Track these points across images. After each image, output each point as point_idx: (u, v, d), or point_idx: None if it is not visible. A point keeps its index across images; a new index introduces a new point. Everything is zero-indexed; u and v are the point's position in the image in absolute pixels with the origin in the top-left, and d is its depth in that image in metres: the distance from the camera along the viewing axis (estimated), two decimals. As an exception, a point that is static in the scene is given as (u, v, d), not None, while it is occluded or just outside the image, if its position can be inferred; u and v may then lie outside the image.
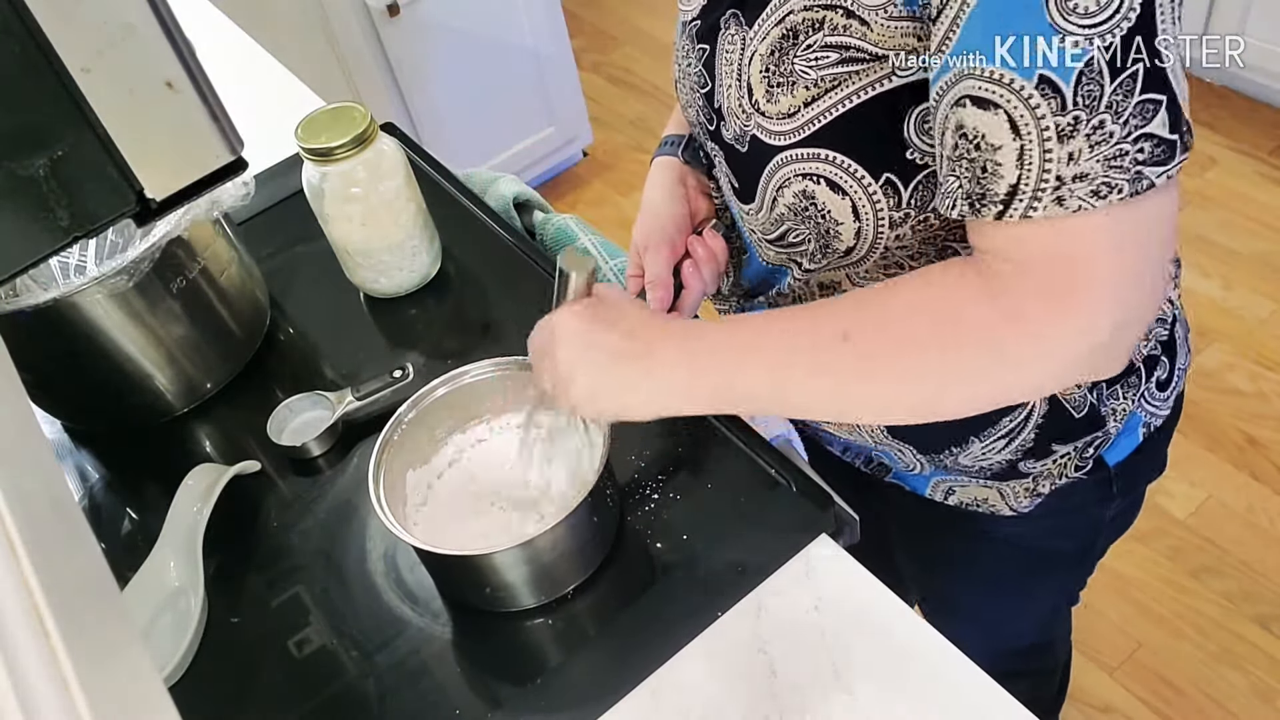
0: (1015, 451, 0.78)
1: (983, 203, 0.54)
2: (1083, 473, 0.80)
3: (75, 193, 0.42)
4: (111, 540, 0.89)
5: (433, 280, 1.04)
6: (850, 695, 0.69)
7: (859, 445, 0.86)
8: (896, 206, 0.65)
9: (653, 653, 0.72)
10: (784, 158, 0.66)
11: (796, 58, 0.62)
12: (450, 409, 0.83)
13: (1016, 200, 0.52)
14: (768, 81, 0.64)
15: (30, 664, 0.28)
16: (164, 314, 0.91)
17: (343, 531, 0.85)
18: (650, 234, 0.83)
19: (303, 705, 0.75)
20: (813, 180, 0.65)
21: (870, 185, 0.64)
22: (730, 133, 0.70)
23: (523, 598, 0.76)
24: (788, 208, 0.69)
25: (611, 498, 0.78)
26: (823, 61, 0.61)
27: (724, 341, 0.64)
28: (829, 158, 0.64)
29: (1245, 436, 1.79)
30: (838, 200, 0.65)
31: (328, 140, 0.91)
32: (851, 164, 0.63)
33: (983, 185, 0.54)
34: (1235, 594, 1.62)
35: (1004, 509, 0.83)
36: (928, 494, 0.86)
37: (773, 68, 0.64)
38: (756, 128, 0.67)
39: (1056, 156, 0.51)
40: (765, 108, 0.65)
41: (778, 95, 0.64)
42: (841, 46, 0.60)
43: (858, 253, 0.68)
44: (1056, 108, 0.50)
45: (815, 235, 0.69)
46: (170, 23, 0.40)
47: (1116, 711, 1.54)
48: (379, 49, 2.10)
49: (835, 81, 0.61)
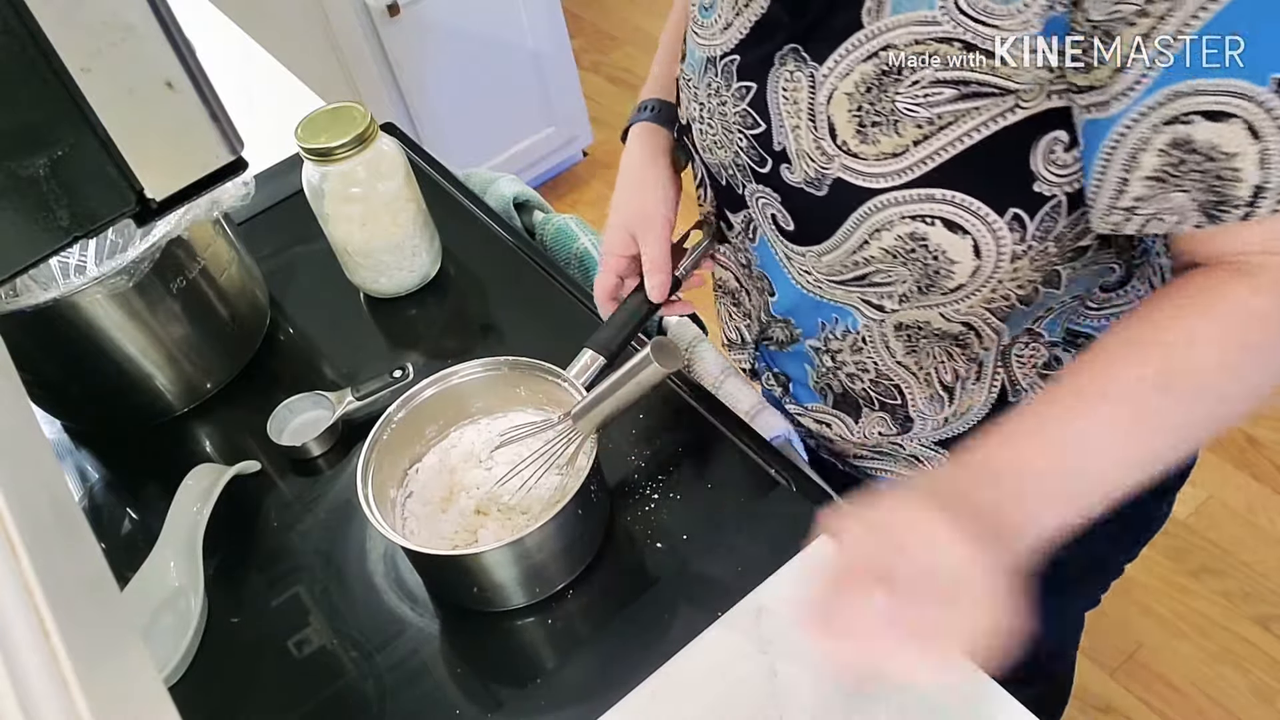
0: None
1: (1221, 209, 0.54)
2: None
3: (75, 193, 0.42)
4: (111, 540, 0.89)
5: (433, 280, 1.04)
6: (851, 696, 0.69)
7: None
8: (1021, 240, 0.62)
9: (652, 653, 0.72)
10: (885, 200, 0.62)
11: (899, 94, 0.59)
12: (440, 409, 0.83)
13: (1261, 199, 0.53)
14: (859, 121, 0.60)
15: (30, 664, 0.28)
16: (164, 314, 0.91)
17: (343, 531, 0.85)
18: (643, 212, 0.78)
19: (303, 705, 0.75)
20: (924, 221, 0.62)
21: (995, 222, 0.61)
22: (798, 176, 0.66)
23: (513, 597, 0.76)
24: (885, 250, 0.65)
25: (597, 495, 0.78)
26: (936, 98, 0.58)
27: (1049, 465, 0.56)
28: (947, 197, 0.61)
29: (1245, 436, 1.79)
30: (956, 240, 0.62)
31: (328, 140, 0.91)
32: (974, 202, 0.61)
33: (1220, 193, 0.53)
34: (1235, 594, 1.62)
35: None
36: None
37: (866, 106, 0.60)
38: (843, 170, 0.62)
39: None
40: (858, 149, 0.61)
41: (876, 135, 0.60)
42: (960, 81, 0.57)
43: (965, 290, 0.66)
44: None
45: (918, 276, 0.66)
46: (170, 23, 0.40)
47: (1116, 711, 1.54)
48: (379, 49, 2.10)
49: (952, 118, 0.58)
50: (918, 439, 0.78)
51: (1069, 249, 0.65)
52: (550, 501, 0.77)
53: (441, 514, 0.79)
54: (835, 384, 0.80)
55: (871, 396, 0.78)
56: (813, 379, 0.82)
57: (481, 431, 0.84)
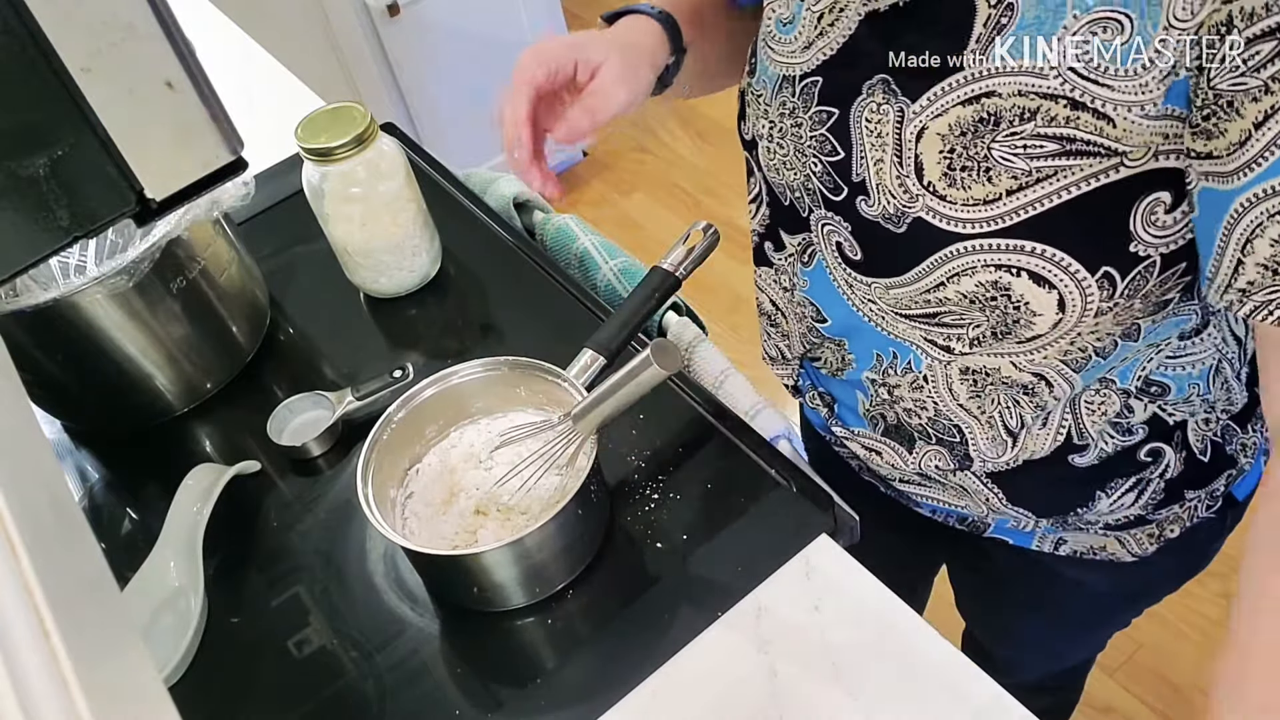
0: (1145, 505, 0.75)
1: None
2: (1212, 511, 0.78)
3: (75, 193, 0.42)
4: (111, 540, 0.89)
5: (433, 280, 1.04)
6: (851, 696, 0.69)
7: (962, 512, 0.82)
8: (1109, 298, 0.60)
9: (653, 653, 0.72)
10: (970, 246, 0.60)
11: (996, 144, 0.56)
12: (440, 409, 0.83)
13: None
14: (949, 163, 0.58)
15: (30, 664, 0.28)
16: (164, 314, 0.91)
17: (343, 531, 0.85)
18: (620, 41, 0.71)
19: (303, 705, 0.75)
20: (1010, 272, 0.59)
21: (1085, 280, 0.59)
22: (877, 210, 0.63)
23: (513, 597, 0.76)
24: (962, 294, 0.62)
25: (597, 495, 0.78)
26: (1036, 151, 0.55)
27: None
28: (1037, 250, 0.58)
29: (1245, 437, 1.79)
30: (1041, 294, 0.60)
31: (328, 140, 0.91)
32: (1065, 258, 0.58)
33: None
34: (1235, 594, 1.62)
35: (1124, 556, 0.79)
36: (1034, 546, 0.81)
37: (960, 150, 0.57)
38: (926, 210, 0.60)
39: None
40: (945, 192, 0.59)
41: (965, 180, 0.58)
42: (1064, 139, 0.54)
43: (1042, 340, 0.64)
44: None
45: (995, 323, 0.63)
46: (170, 23, 0.40)
47: (1116, 712, 1.54)
48: (379, 49, 2.10)
49: (1051, 171, 0.56)
50: (973, 472, 0.77)
51: (1153, 304, 0.63)
52: (550, 501, 0.77)
53: (441, 514, 0.79)
54: (889, 415, 0.77)
55: (929, 433, 0.75)
56: (863, 407, 0.79)
57: (481, 431, 0.84)
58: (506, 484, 0.77)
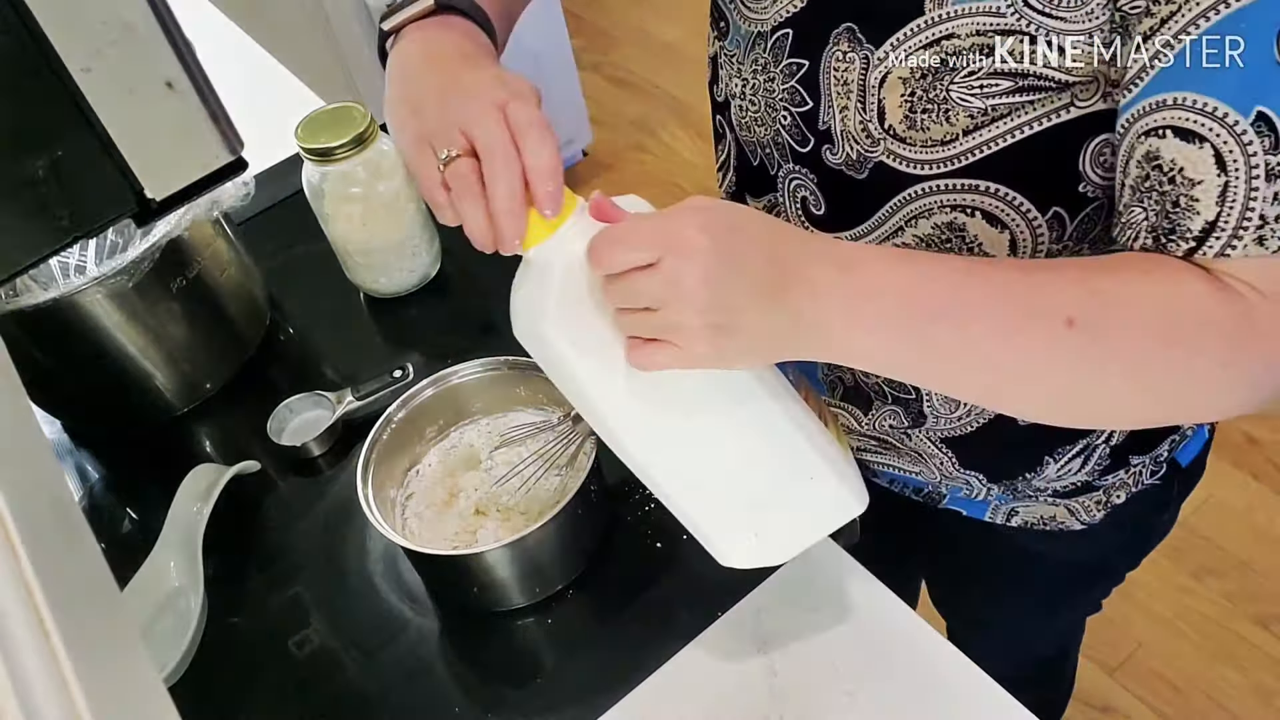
0: (1092, 471, 0.76)
1: (1170, 238, 0.52)
2: (1156, 477, 0.79)
3: (75, 193, 0.42)
4: (111, 540, 0.89)
5: (433, 280, 1.04)
6: (851, 696, 0.69)
7: (918, 480, 0.83)
8: (1059, 239, 0.61)
9: (652, 653, 0.72)
10: (927, 187, 0.61)
11: (954, 85, 0.58)
12: (440, 409, 0.83)
13: (1212, 238, 0.50)
14: (909, 106, 0.59)
15: (30, 664, 0.28)
16: (164, 314, 0.91)
17: (343, 531, 0.85)
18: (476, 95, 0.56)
19: (303, 705, 0.75)
20: (965, 212, 0.61)
21: (1035, 219, 0.61)
22: (840, 157, 0.65)
23: (513, 597, 0.76)
24: (921, 238, 0.64)
25: (597, 495, 0.78)
26: (992, 89, 0.57)
27: (893, 294, 0.52)
28: (990, 190, 0.60)
29: (1245, 436, 1.79)
30: (994, 234, 0.61)
31: (328, 140, 0.91)
32: (1017, 197, 0.60)
33: (1172, 220, 0.51)
34: (1235, 594, 1.62)
35: (1074, 524, 0.81)
36: (987, 518, 0.83)
37: (921, 93, 0.59)
38: (887, 154, 0.62)
39: (1263, 195, 0.49)
40: (905, 134, 0.60)
41: (925, 122, 0.59)
42: (1019, 74, 0.56)
43: None
44: (1270, 145, 0.48)
45: None
46: (170, 23, 0.40)
47: (1117, 712, 1.54)
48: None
49: (1006, 110, 0.57)
50: (927, 434, 0.78)
51: (1102, 249, 0.64)
52: (550, 501, 0.77)
53: (441, 514, 0.79)
54: (847, 377, 0.79)
55: (885, 390, 0.77)
56: (823, 371, 0.81)
57: (481, 431, 0.84)
58: (506, 484, 0.77)
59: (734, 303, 0.50)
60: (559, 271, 0.54)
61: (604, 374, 0.55)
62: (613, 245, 0.51)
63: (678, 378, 0.54)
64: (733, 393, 0.57)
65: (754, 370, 0.57)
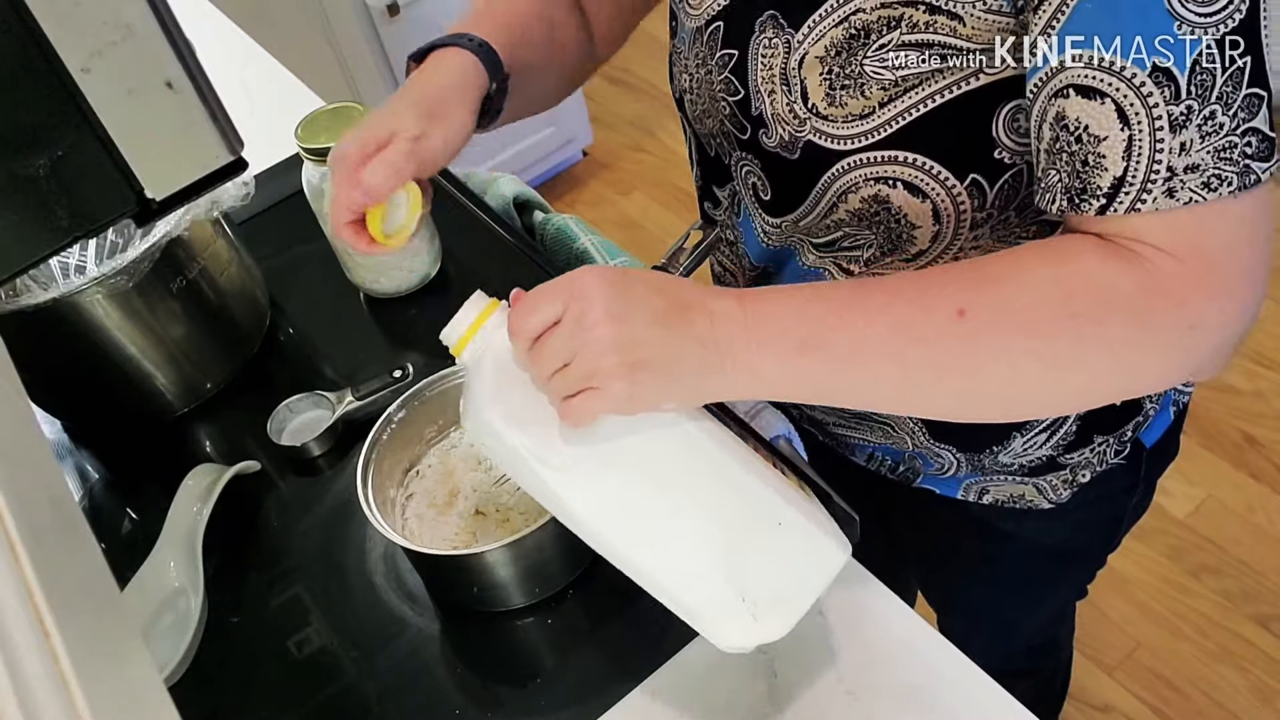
0: (1056, 446, 0.77)
1: (1083, 197, 0.52)
2: (1121, 457, 0.80)
3: (75, 193, 0.42)
4: (111, 540, 0.89)
5: (433, 280, 1.04)
6: (851, 695, 0.69)
7: (894, 451, 0.84)
8: (980, 207, 0.63)
9: (652, 653, 0.72)
10: (851, 162, 0.63)
11: (867, 58, 0.59)
12: (440, 409, 0.83)
13: (1122, 193, 0.51)
14: (829, 84, 0.61)
15: (30, 664, 0.28)
16: (164, 314, 0.91)
17: (343, 531, 0.85)
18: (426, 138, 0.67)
19: (303, 705, 0.75)
20: (887, 184, 0.63)
21: (955, 187, 0.62)
22: (774, 140, 0.67)
23: (513, 597, 0.76)
24: (851, 213, 0.66)
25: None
26: (900, 61, 0.58)
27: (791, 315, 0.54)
28: (909, 160, 0.61)
29: (1244, 436, 1.79)
30: (916, 204, 0.63)
31: (328, 140, 0.91)
32: (934, 165, 0.61)
33: (1083, 179, 0.52)
34: (1235, 594, 1.62)
35: (1042, 502, 0.82)
36: (959, 496, 0.84)
37: (837, 70, 0.61)
38: (813, 133, 0.63)
39: (1168, 147, 0.49)
40: (827, 111, 0.62)
41: (843, 98, 0.61)
42: (924, 44, 0.57)
43: (929, 254, 0.66)
44: (1170, 96, 0.49)
45: (883, 240, 0.67)
46: (170, 23, 0.40)
47: (1116, 711, 1.54)
48: (379, 49, 2.10)
49: (917, 81, 0.59)
50: None
51: (1032, 220, 0.65)
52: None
53: (441, 514, 0.79)
54: None
55: None
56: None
57: (481, 431, 0.84)
58: (506, 484, 0.77)
59: (639, 335, 0.53)
60: (489, 363, 0.57)
61: (548, 446, 0.56)
62: (522, 312, 0.55)
63: (619, 436, 0.55)
64: (679, 447, 0.57)
65: (697, 423, 0.58)
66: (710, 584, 0.58)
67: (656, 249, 0.84)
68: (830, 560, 0.59)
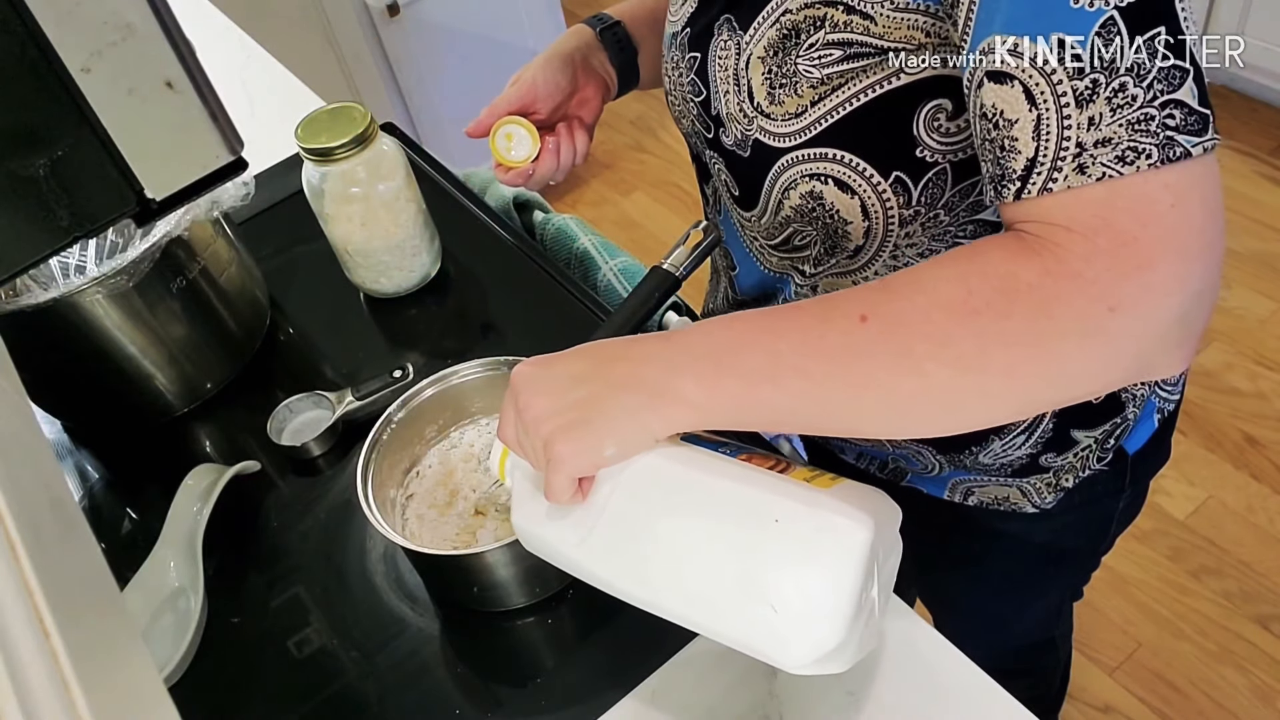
0: (1035, 445, 0.77)
1: (1002, 183, 0.51)
2: (1104, 464, 0.80)
3: (75, 193, 0.42)
4: (111, 540, 0.89)
5: (433, 280, 1.04)
6: (851, 695, 0.69)
7: (875, 450, 0.85)
8: (906, 204, 0.64)
9: (652, 653, 0.72)
10: (790, 159, 0.65)
11: (799, 57, 0.62)
12: (440, 409, 0.83)
13: (1034, 175, 0.49)
14: (769, 83, 0.64)
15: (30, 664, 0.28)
16: (164, 314, 0.91)
17: (343, 531, 0.85)
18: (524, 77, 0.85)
19: (303, 705, 0.75)
20: (820, 180, 0.65)
21: (880, 184, 0.63)
22: (730, 139, 0.70)
23: (513, 597, 0.76)
24: (793, 210, 0.68)
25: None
26: (826, 59, 0.60)
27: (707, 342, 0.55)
28: (837, 157, 0.63)
29: (1245, 436, 1.79)
30: (846, 200, 0.64)
31: (328, 140, 0.91)
32: (860, 163, 0.63)
33: (1001, 165, 0.51)
34: (1235, 594, 1.62)
35: (1027, 506, 0.82)
36: (945, 496, 0.85)
37: (775, 69, 0.63)
38: (759, 131, 0.66)
39: (1076, 122, 0.48)
40: (769, 110, 0.65)
41: (781, 96, 0.63)
42: (844, 43, 0.59)
43: (866, 252, 0.68)
44: (1073, 72, 0.48)
45: (823, 237, 0.69)
46: (170, 23, 0.40)
47: (1116, 711, 1.54)
48: (379, 49, 2.11)
49: (841, 80, 0.60)
50: None
51: (965, 219, 0.65)
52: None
53: (441, 514, 0.79)
54: None
55: None
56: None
57: (481, 432, 0.84)
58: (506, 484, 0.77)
59: (566, 400, 0.56)
60: (519, 475, 0.63)
61: (563, 530, 0.60)
62: (499, 426, 0.61)
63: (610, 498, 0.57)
64: (650, 485, 0.57)
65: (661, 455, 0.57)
66: (737, 608, 0.55)
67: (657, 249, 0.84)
68: (846, 537, 0.54)
